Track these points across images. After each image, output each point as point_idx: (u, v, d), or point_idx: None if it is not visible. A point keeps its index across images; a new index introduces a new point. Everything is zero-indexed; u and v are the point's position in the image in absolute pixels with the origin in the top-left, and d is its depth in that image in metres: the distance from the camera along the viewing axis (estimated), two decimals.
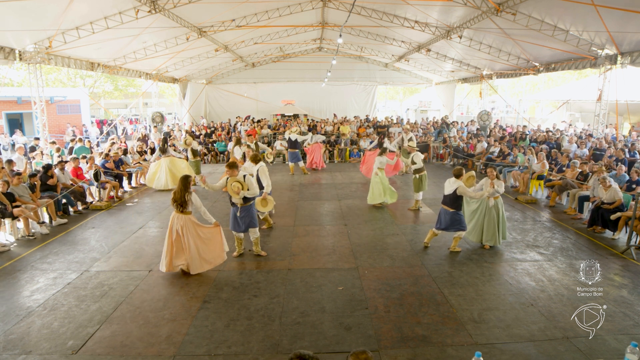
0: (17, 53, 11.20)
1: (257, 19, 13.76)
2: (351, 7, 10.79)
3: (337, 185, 11.91)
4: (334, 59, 18.83)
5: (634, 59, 11.26)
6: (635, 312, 4.83)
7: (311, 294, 5.34)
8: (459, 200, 6.52)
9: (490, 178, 6.66)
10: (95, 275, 5.93)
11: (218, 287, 5.53)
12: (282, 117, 22.29)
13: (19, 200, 7.70)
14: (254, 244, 6.59)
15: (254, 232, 6.48)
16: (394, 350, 4.17)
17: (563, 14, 10.44)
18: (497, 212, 6.74)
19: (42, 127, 12.89)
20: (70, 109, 23.67)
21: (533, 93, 34.13)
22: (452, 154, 15.87)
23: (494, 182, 6.60)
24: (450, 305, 5.03)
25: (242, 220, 6.31)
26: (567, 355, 4.08)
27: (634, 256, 6.50)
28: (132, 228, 8.09)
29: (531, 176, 10.70)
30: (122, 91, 35.46)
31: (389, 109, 36.20)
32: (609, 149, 11.17)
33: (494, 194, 6.63)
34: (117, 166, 11.25)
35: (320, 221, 8.54)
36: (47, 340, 4.34)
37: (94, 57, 13.95)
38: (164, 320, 4.73)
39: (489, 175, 6.70)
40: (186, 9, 11.48)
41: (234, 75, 23.38)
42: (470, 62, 18.10)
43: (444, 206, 6.64)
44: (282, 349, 4.18)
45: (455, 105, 23.26)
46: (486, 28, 12.31)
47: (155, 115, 17.59)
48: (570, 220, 8.55)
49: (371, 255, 6.64)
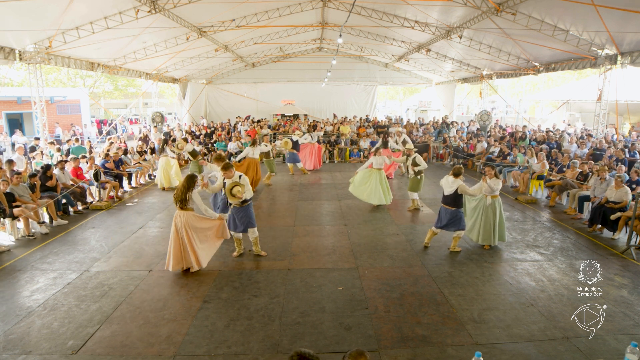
0: (17, 53, 11.20)
1: (257, 19, 13.76)
2: (351, 7, 10.79)
3: (337, 185, 11.91)
4: (334, 59, 18.84)
5: (634, 59, 11.26)
6: (635, 312, 4.83)
7: (311, 294, 5.34)
8: (460, 199, 6.57)
9: (489, 177, 6.64)
10: (95, 275, 5.93)
11: (218, 287, 5.53)
12: (282, 117, 22.30)
13: (19, 200, 7.70)
14: (254, 244, 6.60)
15: (253, 232, 6.48)
16: (394, 350, 4.17)
17: (563, 14, 10.44)
18: (493, 212, 6.69)
19: (42, 127, 12.90)
20: (70, 109, 23.69)
21: (533, 93, 34.14)
22: (452, 154, 15.87)
23: (488, 179, 6.60)
24: (450, 305, 5.03)
25: (240, 221, 6.32)
26: (567, 355, 4.08)
27: (634, 256, 6.50)
28: (132, 228, 8.09)
29: (531, 176, 10.70)
30: (122, 91, 35.46)
31: (389, 109, 36.21)
32: (609, 149, 11.17)
33: (492, 191, 6.63)
34: (117, 166, 11.25)
35: (320, 221, 8.54)
36: (47, 340, 4.34)
37: (94, 57, 13.95)
38: (164, 320, 4.73)
39: (487, 173, 6.69)
40: (186, 9, 11.48)
41: (234, 75, 23.39)
42: (470, 62, 18.10)
43: (445, 205, 6.64)
44: (282, 349, 4.18)
45: (455, 105, 23.26)
46: (486, 28, 12.31)
47: (155, 115, 17.59)
48: (570, 220, 8.55)
49: (371, 255, 6.64)
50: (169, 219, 8.67)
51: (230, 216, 6.41)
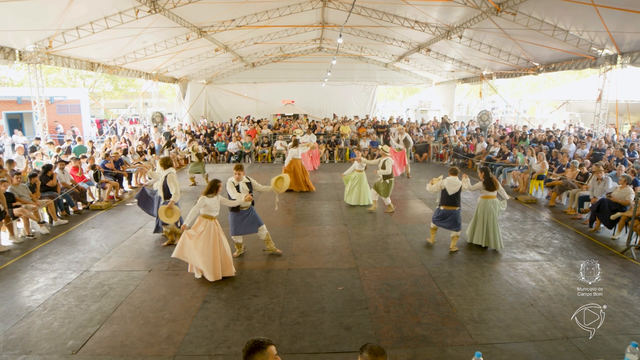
0: (17, 53, 11.20)
1: (257, 19, 13.76)
2: (351, 7, 10.79)
3: (337, 185, 11.90)
4: (334, 59, 18.84)
5: (634, 59, 11.26)
6: (635, 312, 4.83)
7: (311, 294, 5.34)
8: (460, 198, 6.69)
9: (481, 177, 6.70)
10: (95, 275, 5.93)
11: (218, 287, 5.53)
12: (282, 117, 22.30)
13: (19, 200, 7.70)
14: (266, 242, 6.53)
15: (263, 229, 6.45)
16: (394, 350, 4.17)
17: (563, 14, 10.44)
18: (483, 213, 6.66)
19: (42, 127, 12.89)
20: (70, 109, 23.67)
21: (533, 93, 34.13)
22: (452, 154, 15.87)
23: (466, 177, 6.81)
24: (450, 305, 5.03)
25: (249, 222, 6.33)
26: (567, 355, 4.08)
27: (634, 256, 6.50)
28: (132, 228, 8.09)
29: (531, 176, 10.70)
30: (122, 91, 35.45)
31: (389, 109, 36.20)
32: (609, 149, 11.17)
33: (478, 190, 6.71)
34: (117, 166, 11.25)
35: (320, 221, 8.54)
36: (47, 340, 4.34)
37: (94, 57, 13.95)
38: (164, 320, 4.73)
39: (479, 175, 6.75)
40: (186, 9, 11.48)
41: (234, 75, 23.39)
42: (470, 62, 18.11)
43: (449, 207, 6.65)
44: (282, 349, 4.17)
45: (455, 105, 23.27)
46: (486, 28, 12.32)
47: (155, 115, 17.61)
48: (570, 220, 8.55)
49: (371, 255, 6.64)
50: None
51: (236, 221, 6.31)
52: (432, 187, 6.80)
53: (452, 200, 6.63)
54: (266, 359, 2.31)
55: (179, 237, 5.88)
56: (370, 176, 9.77)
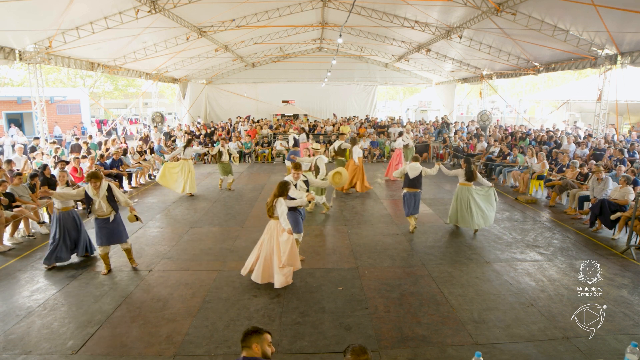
0: (17, 53, 11.21)
1: (257, 19, 13.77)
2: (351, 7, 10.79)
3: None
4: (334, 59, 18.85)
5: (634, 59, 11.26)
6: (635, 312, 4.83)
7: (311, 294, 5.34)
8: (420, 181, 7.54)
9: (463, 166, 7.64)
10: (95, 275, 5.93)
11: (218, 287, 5.53)
12: (282, 117, 22.31)
13: (19, 200, 7.69)
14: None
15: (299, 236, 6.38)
16: (394, 350, 4.17)
17: (563, 14, 10.44)
18: (458, 197, 7.54)
19: (42, 126, 12.90)
20: (70, 109, 23.70)
21: (533, 93, 34.14)
22: (452, 153, 15.87)
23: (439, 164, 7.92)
24: (450, 305, 5.03)
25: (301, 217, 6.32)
26: (567, 355, 4.07)
27: (634, 256, 6.50)
28: (132, 228, 8.06)
29: (531, 176, 10.70)
30: (122, 91, 35.47)
31: (389, 109, 36.22)
32: (609, 149, 11.17)
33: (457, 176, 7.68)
34: (117, 166, 11.25)
35: (320, 221, 8.54)
36: (47, 340, 4.34)
37: (94, 57, 13.96)
38: (164, 320, 4.73)
39: (462, 164, 7.73)
40: (186, 9, 11.49)
41: (234, 75, 23.40)
42: (470, 62, 18.11)
43: (411, 189, 7.44)
44: (282, 349, 4.17)
45: (456, 105, 23.27)
46: (486, 28, 12.32)
47: (155, 115, 17.60)
48: (570, 220, 8.55)
49: (371, 255, 6.64)
50: (169, 219, 8.69)
51: (295, 220, 6.03)
52: (397, 173, 7.74)
53: (413, 183, 7.46)
54: (262, 342, 2.60)
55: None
56: None
